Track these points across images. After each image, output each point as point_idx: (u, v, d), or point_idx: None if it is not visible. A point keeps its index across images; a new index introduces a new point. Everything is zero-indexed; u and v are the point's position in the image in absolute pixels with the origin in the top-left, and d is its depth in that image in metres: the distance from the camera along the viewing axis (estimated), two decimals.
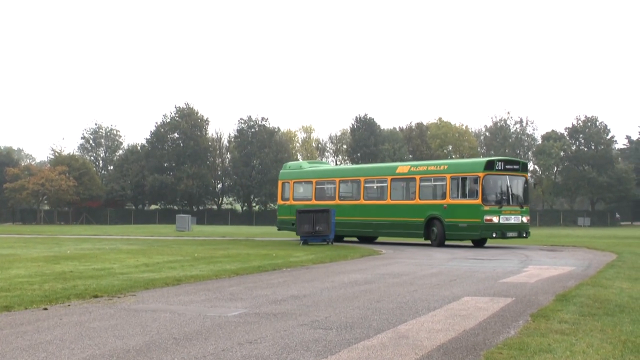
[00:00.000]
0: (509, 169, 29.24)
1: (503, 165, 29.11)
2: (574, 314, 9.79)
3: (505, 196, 28.83)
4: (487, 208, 28.19)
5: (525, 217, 29.49)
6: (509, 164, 29.87)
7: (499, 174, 28.79)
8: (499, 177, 28.87)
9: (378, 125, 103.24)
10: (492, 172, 28.64)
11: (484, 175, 28.42)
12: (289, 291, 12.86)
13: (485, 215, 28.15)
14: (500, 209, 28.40)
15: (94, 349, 7.44)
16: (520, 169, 29.83)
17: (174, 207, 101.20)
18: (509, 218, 28.62)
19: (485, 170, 28.58)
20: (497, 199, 28.78)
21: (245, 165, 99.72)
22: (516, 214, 28.95)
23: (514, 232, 28.95)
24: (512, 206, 28.89)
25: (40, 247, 27.63)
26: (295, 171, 38.43)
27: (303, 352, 7.33)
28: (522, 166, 30.29)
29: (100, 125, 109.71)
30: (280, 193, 38.03)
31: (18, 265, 17.97)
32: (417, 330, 8.65)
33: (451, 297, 12.04)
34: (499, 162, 29.38)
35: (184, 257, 21.69)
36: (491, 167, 28.79)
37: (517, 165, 29.97)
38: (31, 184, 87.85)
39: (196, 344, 7.70)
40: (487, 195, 28.53)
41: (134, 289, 12.99)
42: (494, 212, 28.29)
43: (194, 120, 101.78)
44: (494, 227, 28.29)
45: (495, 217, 28.27)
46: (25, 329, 8.65)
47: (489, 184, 28.71)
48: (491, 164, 29.13)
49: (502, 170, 28.89)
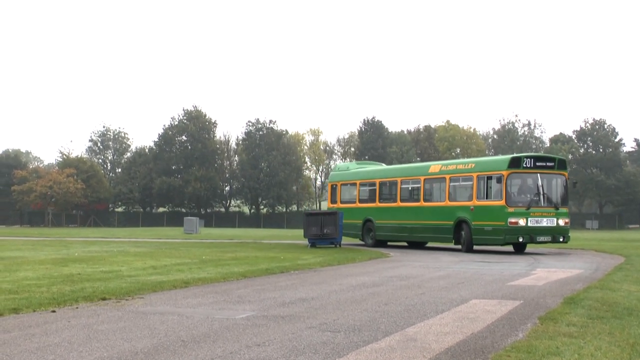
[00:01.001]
0: (541, 166, 26.79)
1: (532, 162, 26.69)
2: (582, 317, 9.76)
3: (536, 196, 26.37)
4: (512, 210, 25.91)
5: (563, 220, 26.78)
6: (541, 160, 27.40)
7: (527, 172, 26.58)
8: (527, 176, 26.79)
9: (386, 128, 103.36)
10: (519, 170, 26.39)
11: (508, 173, 26.17)
12: (296, 294, 12.86)
13: (509, 217, 25.86)
14: (528, 210, 26.01)
15: (102, 352, 7.45)
16: (557, 167, 27.19)
17: (181, 209, 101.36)
18: (539, 221, 26.14)
19: (510, 168, 26.29)
20: (525, 200, 26.56)
21: (253, 168, 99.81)
22: (549, 216, 26.38)
23: (547, 236, 26.37)
24: (544, 207, 26.39)
25: (48, 250, 27.70)
26: (342, 173, 37.18)
27: (311, 354, 7.32)
28: (559, 163, 27.47)
29: (108, 128, 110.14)
30: (330, 196, 36.91)
31: (26, 268, 18.02)
32: (425, 333, 8.64)
33: (459, 299, 12.03)
34: (527, 159, 26.81)
35: (191, 259, 21.72)
36: (517, 165, 26.42)
37: (552, 162, 27.33)
38: (39, 187, 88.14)
39: (204, 347, 7.71)
40: (511, 196, 26.39)
41: (142, 292, 13.01)
42: (520, 214, 25.94)
43: (202, 123, 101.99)
44: (521, 231, 25.92)
45: (522, 219, 25.83)
46: (34, 332, 8.67)
47: (514, 183, 26.78)
48: (517, 161, 26.72)
49: (532, 167, 26.53)
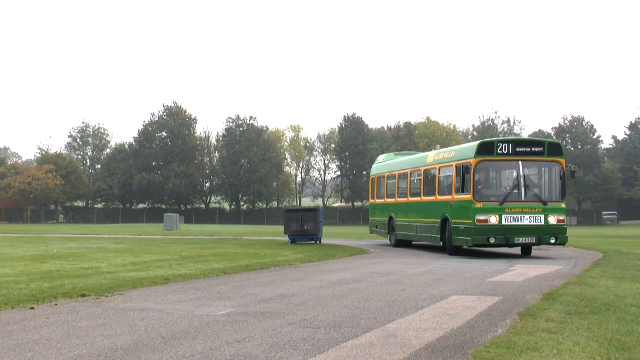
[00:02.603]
0: (524, 152, 22.19)
1: (511, 148, 22.13)
2: (560, 313, 9.83)
3: (515, 189, 21.95)
4: (480, 205, 21.80)
5: (555, 217, 21.99)
6: (524, 145, 22.57)
7: (503, 160, 22.26)
8: (503, 164, 22.62)
9: (366, 125, 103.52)
10: (491, 158, 22.20)
11: (476, 162, 22.07)
12: (277, 290, 12.86)
13: (476, 214, 21.77)
14: (502, 206, 21.69)
15: (81, 349, 7.41)
16: (547, 152, 22.42)
17: (162, 206, 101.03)
18: (520, 218, 21.72)
19: (479, 156, 22.13)
20: (499, 193, 22.52)
21: (234, 165, 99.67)
22: (535, 212, 21.82)
23: (530, 237, 21.80)
24: (527, 202, 21.89)
25: (27, 246, 27.51)
26: (377, 165, 33.78)
27: (292, 351, 7.33)
28: (551, 148, 22.62)
29: (87, 124, 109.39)
30: (370, 190, 34.07)
31: (4, 265, 17.90)
32: (406, 329, 8.66)
33: (439, 296, 12.07)
34: (503, 144, 22.26)
35: (172, 256, 21.66)
36: (488, 151, 22.20)
37: (540, 147, 22.51)
38: (18, 183, 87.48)
39: (185, 343, 7.69)
40: (480, 188, 22.37)
41: (122, 288, 12.96)
42: (491, 210, 21.74)
43: (182, 119, 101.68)
44: (492, 231, 21.65)
45: (494, 216, 21.65)
46: (12, 329, 8.61)
47: (484, 173, 22.82)
48: (487, 147, 22.38)
49: (510, 154, 22.06)
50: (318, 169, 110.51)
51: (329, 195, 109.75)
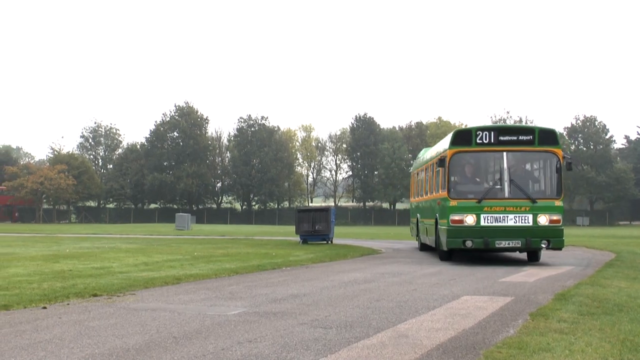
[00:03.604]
0: (508, 141, 19.24)
1: (493, 137, 19.18)
2: (572, 313, 9.78)
3: (496, 184, 19.15)
4: (454, 203, 19.04)
5: (547, 217, 18.71)
6: (508, 133, 19.61)
7: (483, 151, 19.47)
8: (483, 155, 19.85)
9: (377, 125, 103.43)
10: (469, 149, 19.38)
11: (452, 153, 19.27)
12: (288, 290, 12.86)
13: (450, 214, 19.01)
14: (481, 203, 18.76)
15: (93, 348, 7.43)
16: (538, 141, 19.18)
17: (173, 206, 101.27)
18: (501, 218, 18.71)
19: (454, 146, 19.32)
20: (476, 189, 19.51)
21: (245, 164, 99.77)
22: (520, 211, 18.69)
23: (514, 239, 18.71)
24: (510, 199, 18.77)
25: (39, 246, 27.63)
26: (417, 160, 30.45)
27: (303, 351, 7.32)
28: (542, 136, 19.28)
29: (99, 124, 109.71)
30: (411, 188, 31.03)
31: (17, 264, 17.97)
32: (417, 329, 8.65)
33: (450, 296, 12.04)
34: (483, 132, 19.30)
35: (183, 256, 21.70)
36: (465, 141, 19.35)
37: (528, 135, 19.37)
38: (30, 183, 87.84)
39: (196, 343, 7.70)
40: (455, 184, 19.54)
41: (134, 288, 12.99)
42: (467, 208, 18.87)
43: (193, 119, 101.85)
44: (468, 233, 18.82)
45: (470, 216, 18.79)
46: (24, 328, 8.64)
47: (460, 166, 19.81)
48: (464, 136, 19.54)
49: (492, 143, 19.15)
50: (329, 169, 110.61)
51: (340, 195, 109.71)
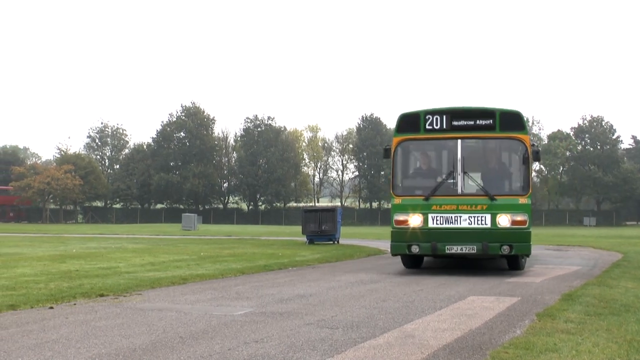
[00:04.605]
0: (464, 127, 15.92)
1: (445, 122, 16.00)
2: (579, 314, 9.76)
3: (448, 177, 15.94)
4: (398, 201, 16.18)
5: (509, 217, 15.44)
6: (463, 117, 16.02)
7: (432, 138, 16.31)
8: (434, 144, 16.70)
9: (384, 125, 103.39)
10: (417, 136, 16.33)
11: (397, 141, 16.36)
12: (295, 290, 12.86)
13: (395, 213, 16.18)
14: (428, 201, 15.80)
15: (100, 348, 7.44)
16: (499, 126, 15.74)
17: (179, 206, 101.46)
18: (453, 219, 15.63)
19: (401, 134, 16.41)
20: (424, 184, 16.49)
21: (252, 165, 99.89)
22: (475, 210, 15.55)
23: (469, 244, 15.55)
24: (464, 196, 15.69)
25: (45, 246, 27.69)
26: None
27: (309, 351, 7.32)
28: (504, 120, 15.80)
29: (106, 124, 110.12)
30: None
31: (24, 264, 18.01)
32: (423, 329, 8.64)
33: (457, 296, 12.03)
34: (433, 115, 16.09)
35: (189, 256, 21.72)
36: (412, 127, 16.30)
37: (488, 119, 15.87)
38: (37, 183, 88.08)
39: (202, 343, 7.70)
40: (400, 178, 16.72)
41: (140, 288, 13.00)
42: (413, 207, 15.93)
43: (200, 119, 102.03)
44: (414, 236, 15.86)
45: (417, 216, 15.83)
46: (31, 328, 8.66)
47: (405, 157, 16.91)
48: (411, 121, 16.37)
49: (445, 129, 16.00)
50: (336, 169, 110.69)
51: (347, 195, 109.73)
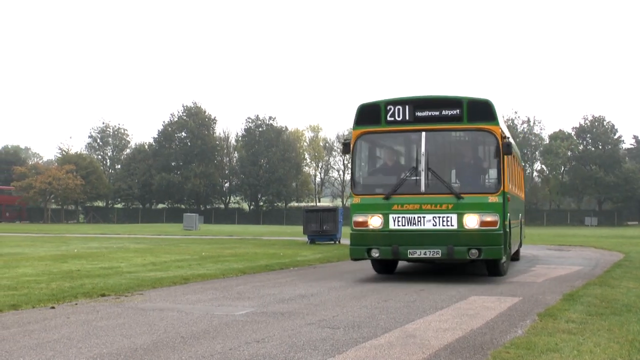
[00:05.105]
0: (428, 117, 14.43)
1: (407, 112, 14.53)
2: (581, 314, 9.75)
3: (411, 174, 14.38)
4: (357, 200, 14.77)
5: (477, 217, 13.87)
6: (427, 106, 14.51)
7: (394, 131, 14.84)
8: (394, 137, 15.28)
9: None
10: (377, 128, 14.84)
11: (356, 135, 14.87)
12: (296, 290, 12.86)
13: (353, 214, 14.71)
14: (389, 200, 14.29)
15: (101, 348, 7.44)
16: (467, 117, 14.19)
17: (181, 206, 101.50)
18: (416, 220, 14.11)
19: (360, 126, 14.89)
20: (385, 181, 14.99)
21: (253, 165, 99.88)
22: (440, 210, 14.01)
23: (433, 248, 14.03)
24: (429, 195, 14.13)
25: (47, 246, 27.70)
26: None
27: (310, 351, 7.32)
28: (473, 109, 14.21)
29: (107, 124, 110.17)
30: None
31: (25, 264, 18.02)
32: (425, 329, 8.63)
33: (458, 296, 12.02)
34: (394, 106, 14.62)
35: (191, 256, 21.72)
36: (372, 119, 14.80)
37: (455, 109, 14.28)
38: (38, 183, 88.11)
39: (204, 343, 7.70)
40: (359, 175, 15.19)
41: (142, 288, 13.01)
42: (372, 207, 14.49)
43: (201, 119, 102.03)
44: (374, 239, 14.41)
45: (377, 217, 14.38)
46: (33, 328, 8.66)
47: (365, 152, 15.47)
48: (370, 112, 14.85)
49: (407, 121, 14.54)
50: (337, 169, 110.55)
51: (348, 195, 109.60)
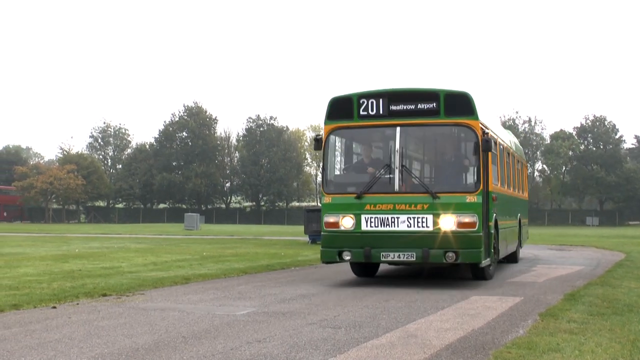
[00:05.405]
0: (403, 111, 13.58)
1: (381, 106, 13.69)
2: (582, 314, 9.75)
3: (384, 171, 13.55)
4: (328, 199, 13.93)
5: (454, 218, 12.98)
6: (402, 100, 13.61)
7: (367, 126, 14.06)
8: (367, 132, 14.52)
9: None
10: (349, 123, 14.03)
11: (328, 130, 14.10)
12: (297, 290, 12.86)
13: (325, 214, 13.90)
14: (361, 200, 13.46)
15: (102, 348, 7.45)
16: (445, 110, 13.30)
17: (182, 205, 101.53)
18: (389, 220, 13.25)
19: (332, 121, 14.10)
20: (357, 179, 14.18)
21: (254, 164, 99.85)
22: (415, 210, 13.14)
23: (408, 251, 13.11)
24: (403, 194, 13.31)
25: (48, 246, 27.72)
26: None
27: (312, 350, 7.32)
28: (450, 103, 13.33)
29: (108, 124, 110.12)
30: None
31: (27, 264, 18.03)
32: (426, 329, 8.63)
33: (459, 296, 12.02)
34: (366, 99, 13.78)
35: (192, 255, 21.73)
36: (345, 113, 13.98)
37: (431, 102, 13.43)
38: (39, 183, 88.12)
39: (205, 343, 7.70)
40: (330, 173, 14.38)
41: (143, 288, 13.02)
42: (343, 207, 13.63)
43: (202, 119, 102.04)
44: (346, 241, 13.56)
45: (348, 217, 13.51)
46: (34, 328, 8.67)
47: (337, 148, 14.66)
48: (343, 106, 14.02)
49: (380, 115, 13.73)
50: None
51: None
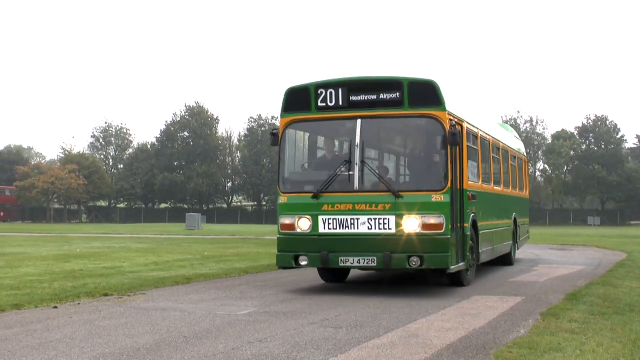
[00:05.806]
0: (364, 102, 12.42)
1: (340, 96, 12.50)
2: (583, 313, 9.75)
3: (343, 168, 12.28)
4: (283, 199, 12.77)
5: (417, 219, 11.75)
6: (363, 89, 12.45)
7: (326, 118, 12.77)
8: (326, 125, 13.16)
9: None
10: (307, 116, 12.77)
11: (284, 123, 12.92)
12: (298, 290, 12.87)
13: (280, 216, 12.75)
14: (318, 199, 12.29)
15: (103, 347, 7.45)
16: (409, 100, 12.09)
17: (183, 205, 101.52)
18: (348, 222, 12.07)
19: (288, 113, 12.92)
20: (316, 177, 12.82)
21: (255, 164, 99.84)
22: (376, 211, 11.96)
23: (368, 255, 11.94)
24: (363, 193, 12.15)
25: (49, 246, 27.72)
26: None
27: (313, 350, 7.32)
28: (414, 92, 12.10)
29: (110, 124, 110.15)
30: None
31: (28, 264, 18.04)
32: (427, 329, 8.64)
33: (460, 295, 12.02)
34: (325, 89, 12.57)
35: (193, 255, 21.73)
36: (302, 105, 12.80)
37: (394, 92, 12.21)
38: (41, 182, 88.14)
39: (206, 343, 7.71)
40: (285, 170, 13.13)
41: (144, 288, 13.02)
42: (299, 207, 12.49)
43: (203, 119, 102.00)
44: (302, 244, 12.40)
45: (305, 219, 12.37)
46: (35, 327, 8.67)
47: (293, 143, 13.39)
48: (299, 96, 12.84)
49: (340, 107, 12.52)
50: None
51: None
